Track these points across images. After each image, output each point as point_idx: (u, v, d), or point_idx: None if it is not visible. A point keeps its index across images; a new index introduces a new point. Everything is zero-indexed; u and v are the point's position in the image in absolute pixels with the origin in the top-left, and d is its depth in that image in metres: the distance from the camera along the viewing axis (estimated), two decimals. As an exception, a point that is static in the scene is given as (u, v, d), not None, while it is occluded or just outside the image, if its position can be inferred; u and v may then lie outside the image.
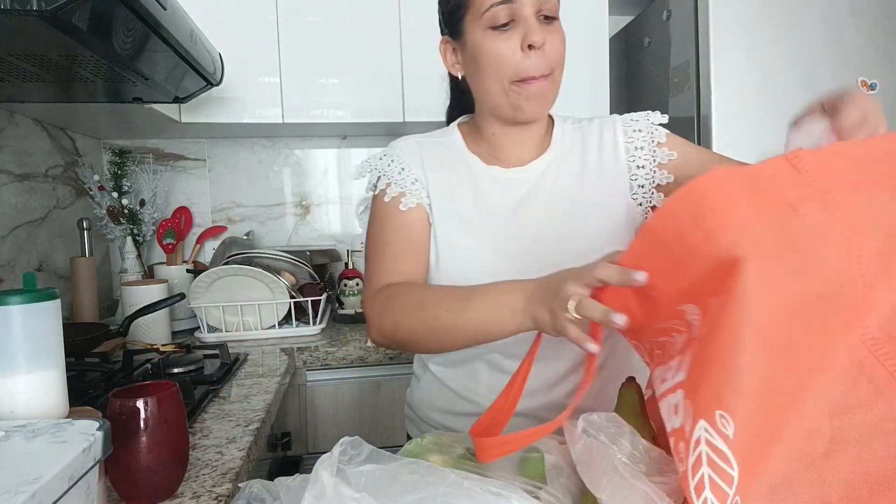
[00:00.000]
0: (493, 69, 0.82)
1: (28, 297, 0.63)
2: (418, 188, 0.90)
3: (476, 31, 0.82)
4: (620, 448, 0.52)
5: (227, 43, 1.44)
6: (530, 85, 0.82)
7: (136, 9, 0.83)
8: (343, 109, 1.78)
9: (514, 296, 0.68)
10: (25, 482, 0.44)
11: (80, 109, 1.52)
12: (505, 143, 0.92)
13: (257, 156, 2.14)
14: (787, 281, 0.43)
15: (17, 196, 1.51)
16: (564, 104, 0.96)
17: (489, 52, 0.81)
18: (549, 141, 0.94)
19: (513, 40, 0.80)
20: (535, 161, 0.92)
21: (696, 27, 1.68)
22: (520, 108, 0.84)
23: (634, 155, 0.90)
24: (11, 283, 1.43)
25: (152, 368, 1.23)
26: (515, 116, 0.87)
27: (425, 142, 0.96)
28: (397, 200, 0.90)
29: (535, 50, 0.80)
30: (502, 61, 0.81)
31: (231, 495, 0.72)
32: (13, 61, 0.92)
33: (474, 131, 0.95)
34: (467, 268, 0.86)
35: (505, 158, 0.93)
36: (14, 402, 0.63)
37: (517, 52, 0.80)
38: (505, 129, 0.91)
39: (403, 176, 0.91)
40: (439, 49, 0.91)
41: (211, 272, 1.61)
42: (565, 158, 0.92)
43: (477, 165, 0.92)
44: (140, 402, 0.66)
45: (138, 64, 1.01)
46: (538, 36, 0.79)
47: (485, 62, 0.82)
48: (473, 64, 0.85)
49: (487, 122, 0.92)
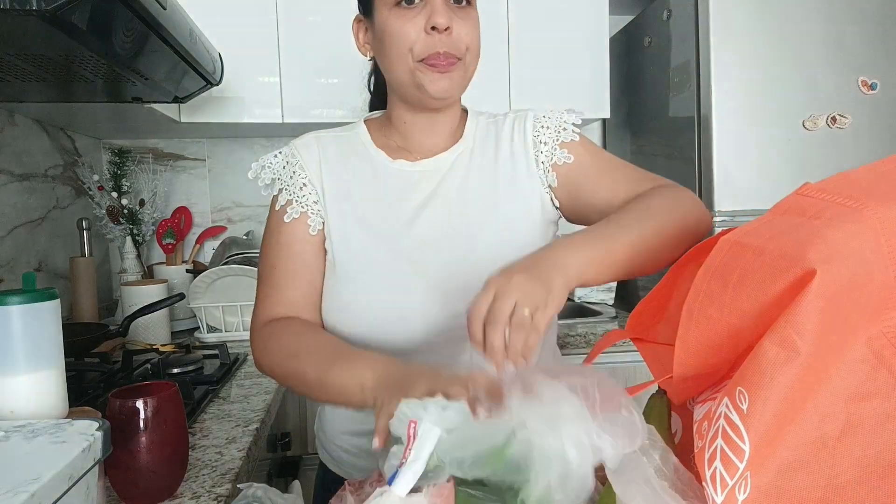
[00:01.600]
0: (396, 47, 0.80)
1: (28, 297, 0.63)
2: (306, 193, 0.87)
3: (383, 8, 0.80)
4: (650, 460, 0.51)
5: (227, 43, 1.44)
6: (435, 65, 0.80)
7: (136, 8, 0.83)
8: (343, 109, 1.78)
9: (366, 371, 0.66)
10: (25, 482, 0.44)
11: (79, 109, 1.52)
12: (415, 132, 0.89)
13: (257, 155, 2.12)
14: (822, 272, 0.43)
15: (17, 196, 1.51)
16: (564, 104, 0.95)
17: (394, 31, 0.80)
18: (461, 133, 0.92)
19: (418, 20, 0.79)
20: (445, 153, 0.89)
21: (697, 27, 1.68)
22: (423, 87, 0.81)
23: (539, 132, 0.89)
24: (11, 284, 1.43)
25: (152, 369, 1.23)
26: (420, 98, 0.84)
27: (326, 138, 0.92)
28: (284, 210, 0.87)
29: (441, 33, 0.79)
30: (405, 39, 0.79)
31: (231, 496, 0.72)
32: (13, 61, 0.92)
33: (385, 123, 0.92)
34: (361, 269, 0.84)
35: (414, 149, 0.89)
36: (14, 402, 0.63)
37: (421, 33, 0.79)
38: (415, 117, 0.88)
39: (294, 181, 0.88)
40: (352, 28, 0.89)
41: (211, 272, 1.61)
42: (476, 150, 0.90)
43: (382, 161, 0.89)
44: (140, 403, 0.66)
45: (138, 64, 1.01)
46: (441, 18, 0.78)
47: (389, 41, 0.81)
48: (380, 43, 0.83)
49: (397, 108, 0.89)
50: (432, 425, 0.48)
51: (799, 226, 0.48)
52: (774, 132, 1.65)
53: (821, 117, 1.65)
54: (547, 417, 0.47)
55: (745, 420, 0.44)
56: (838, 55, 1.66)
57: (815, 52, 1.65)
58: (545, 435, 0.46)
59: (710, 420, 0.47)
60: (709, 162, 1.65)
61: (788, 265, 0.44)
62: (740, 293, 0.47)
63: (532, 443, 0.47)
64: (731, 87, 1.64)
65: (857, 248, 0.44)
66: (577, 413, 0.47)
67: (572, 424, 0.47)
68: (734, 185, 1.64)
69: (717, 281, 0.49)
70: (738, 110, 1.64)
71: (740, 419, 0.44)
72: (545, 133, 0.89)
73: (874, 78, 1.67)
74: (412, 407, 0.50)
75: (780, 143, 1.65)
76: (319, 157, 0.89)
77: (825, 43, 1.65)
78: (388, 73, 0.85)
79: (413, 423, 0.49)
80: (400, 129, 0.90)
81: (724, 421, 0.45)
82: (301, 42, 1.74)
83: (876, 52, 1.67)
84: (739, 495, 0.44)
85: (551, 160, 0.87)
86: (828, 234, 0.44)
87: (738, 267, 0.48)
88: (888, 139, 1.69)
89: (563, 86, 1.86)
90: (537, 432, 0.47)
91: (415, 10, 0.79)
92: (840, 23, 1.65)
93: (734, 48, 1.63)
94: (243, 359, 1.40)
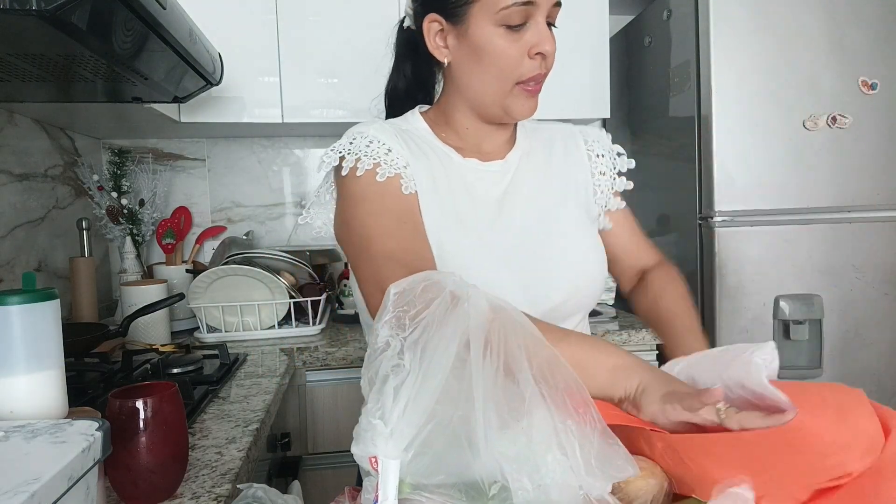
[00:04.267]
0: (499, 69, 0.80)
1: (27, 297, 0.63)
2: (394, 157, 0.82)
3: (485, 24, 0.78)
4: None
5: (227, 43, 1.44)
6: (530, 88, 0.82)
7: (136, 8, 0.83)
8: (343, 109, 1.78)
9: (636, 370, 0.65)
10: (25, 482, 0.44)
11: (79, 109, 1.52)
12: (477, 139, 0.90)
13: (257, 155, 2.14)
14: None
15: (17, 196, 1.51)
16: (564, 104, 0.96)
17: (498, 52, 0.79)
18: (513, 139, 0.94)
19: (521, 42, 0.79)
20: (509, 154, 0.91)
21: (697, 27, 1.68)
22: (511, 109, 0.83)
23: (596, 161, 0.96)
24: (11, 283, 1.43)
25: (152, 369, 1.23)
26: (502, 117, 0.86)
27: (396, 125, 0.88)
28: (393, 182, 0.80)
29: (542, 57, 0.80)
30: (509, 63, 0.79)
31: (231, 496, 0.72)
32: (13, 61, 0.92)
33: (441, 121, 0.91)
34: (450, 259, 0.81)
35: (471, 151, 0.90)
36: (13, 402, 0.63)
37: (524, 57, 0.79)
38: (480, 125, 0.89)
39: (392, 157, 0.81)
40: (423, 26, 0.84)
41: (210, 272, 1.61)
42: (534, 154, 0.93)
43: (454, 157, 0.88)
44: (139, 403, 0.66)
45: (138, 63, 1.01)
46: (550, 45, 0.79)
47: (490, 59, 0.80)
48: (474, 57, 0.81)
49: (463, 115, 0.89)
50: (389, 459, 0.47)
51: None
52: (774, 132, 1.65)
53: (821, 117, 1.65)
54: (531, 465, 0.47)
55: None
56: (838, 55, 1.65)
57: (815, 52, 1.65)
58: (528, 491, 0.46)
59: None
60: (709, 162, 1.65)
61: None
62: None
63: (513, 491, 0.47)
64: (731, 87, 1.63)
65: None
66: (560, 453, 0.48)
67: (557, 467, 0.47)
68: (734, 185, 1.64)
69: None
70: (738, 110, 1.64)
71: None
72: (598, 146, 0.96)
73: (874, 78, 1.67)
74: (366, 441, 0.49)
75: (780, 143, 1.65)
76: (398, 141, 0.85)
77: (825, 43, 1.65)
78: (473, 86, 0.84)
79: (372, 458, 0.48)
80: (461, 133, 0.90)
81: None
82: (301, 42, 1.74)
83: (876, 52, 1.67)
84: None
85: (614, 168, 0.96)
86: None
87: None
88: (888, 139, 1.69)
89: (564, 85, 1.86)
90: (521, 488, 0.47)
91: (520, 32, 0.79)
92: (840, 23, 1.65)
93: (734, 48, 1.63)
94: (243, 359, 1.40)
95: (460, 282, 0.53)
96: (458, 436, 0.47)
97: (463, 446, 0.47)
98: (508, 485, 0.46)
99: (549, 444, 0.48)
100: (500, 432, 0.48)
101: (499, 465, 0.47)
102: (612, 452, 0.50)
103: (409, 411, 0.47)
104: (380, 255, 0.76)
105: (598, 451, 0.49)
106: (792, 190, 1.66)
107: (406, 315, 0.51)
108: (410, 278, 0.54)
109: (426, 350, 0.49)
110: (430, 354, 0.48)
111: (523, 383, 0.50)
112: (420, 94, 0.96)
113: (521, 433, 0.48)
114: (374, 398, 0.50)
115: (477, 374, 0.48)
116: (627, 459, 0.51)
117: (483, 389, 0.48)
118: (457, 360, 0.48)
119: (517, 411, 0.49)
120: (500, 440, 0.48)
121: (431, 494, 0.47)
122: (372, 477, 0.49)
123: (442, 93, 0.92)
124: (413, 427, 0.47)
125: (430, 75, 0.95)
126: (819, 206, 1.67)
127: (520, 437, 0.48)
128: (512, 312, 0.53)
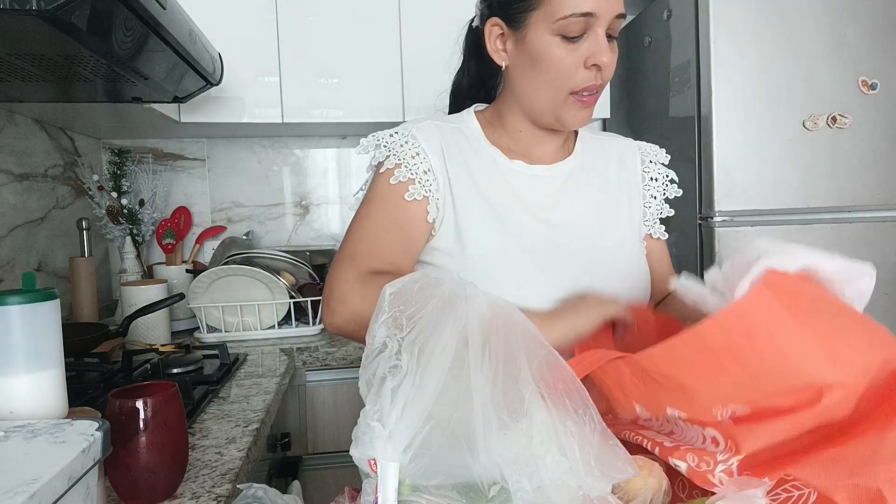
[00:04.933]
0: (553, 77, 0.80)
1: (27, 297, 0.63)
2: (429, 179, 0.84)
3: (543, 32, 0.79)
4: None
5: (227, 43, 1.44)
6: (585, 98, 0.81)
7: (136, 8, 0.83)
8: (343, 109, 1.78)
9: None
10: (25, 482, 0.44)
11: (79, 109, 1.52)
12: (529, 143, 0.90)
13: (257, 156, 2.14)
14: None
15: (17, 196, 1.51)
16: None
17: (553, 60, 0.79)
18: (570, 147, 0.94)
19: (578, 52, 0.78)
20: (560, 163, 0.91)
21: (697, 27, 1.67)
22: (564, 119, 0.83)
23: (649, 185, 0.96)
24: (11, 283, 1.43)
25: (152, 369, 1.23)
26: (554, 125, 0.86)
27: (445, 127, 0.89)
28: (404, 187, 0.83)
29: (598, 69, 0.80)
30: (564, 72, 0.79)
31: (231, 496, 0.72)
32: (13, 61, 0.92)
33: (495, 121, 0.92)
34: (492, 260, 0.82)
35: (522, 154, 0.90)
36: (13, 402, 0.63)
37: (580, 67, 0.79)
38: (533, 130, 0.89)
39: (416, 162, 0.84)
40: (484, 29, 0.86)
41: (210, 272, 1.61)
42: (589, 166, 0.93)
43: (499, 158, 0.88)
44: (139, 403, 0.66)
45: (138, 64, 1.01)
46: (607, 57, 0.78)
47: (545, 67, 0.80)
48: (529, 63, 0.81)
49: (517, 119, 0.89)
50: (388, 462, 0.47)
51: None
52: (774, 132, 1.65)
53: (821, 117, 1.65)
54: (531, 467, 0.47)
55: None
56: (838, 55, 1.65)
57: (815, 52, 1.65)
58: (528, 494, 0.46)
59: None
60: (709, 162, 1.65)
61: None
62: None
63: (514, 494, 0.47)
64: (731, 87, 1.63)
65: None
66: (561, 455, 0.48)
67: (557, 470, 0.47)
68: (734, 185, 1.64)
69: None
70: (738, 110, 1.64)
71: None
72: (653, 169, 0.97)
73: (874, 78, 1.67)
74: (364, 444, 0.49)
75: (780, 143, 1.65)
76: (441, 143, 0.87)
77: (825, 43, 1.65)
78: (528, 92, 0.84)
79: (371, 461, 0.48)
80: (513, 135, 0.90)
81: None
82: (301, 42, 1.74)
83: (876, 52, 1.67)
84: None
85: (663, 194, 0.96)
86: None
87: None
88: (888, 139, 1.69)
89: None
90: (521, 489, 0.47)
91: (578, 42, 0.78)
92: (840, 23, 1.65)
93: (734, 48, 1.63)
94: (243, 359, 1.40)
95: (458, 280, 0.53)
96: (457, 437, 0.47)
97: (462, 447, 0.47)
98: (508, 486, 0.46)
99: (549, 446, 0.47)
100: (499, 433, 0.47)
101: (498, 466, 0.47)
102: (612, 453, 0.50)
103: (406, 413, 0.47)
104: (345, 254, 0.81)
105: (597, 452, 0.49)
106: (792, 190, 1.66)
107: (403, 315, 0.51)
108: (406, 277, 0.54)
109: (423, 350, 0.48)
110: (427, 354, 0.48)
111: (523, 384, 0.50)
112: (482, 93, 0.97)
113: (521, 434, 0.48)
114: (371, 400, 0.50)
115: (476, 374, 0.48)
116: (627, 460, 0.51)
117: (482, 390, 0.48)
118: (455, 359, 0.48)
119: (516, 412, 0.49)
120: (500, 442, 0.47)
121: (431, 496, 0.47)
122: (371, 479, 0.49)
123: (500, 94, 0.92)
124: (411, 429, 0.47)
125: (491, 76, 0.95)
126: (819, 206, 1.67)
127: (519, 439, 0.48)
128: (511, 312, 0.53)
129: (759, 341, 0.52)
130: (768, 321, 0.52)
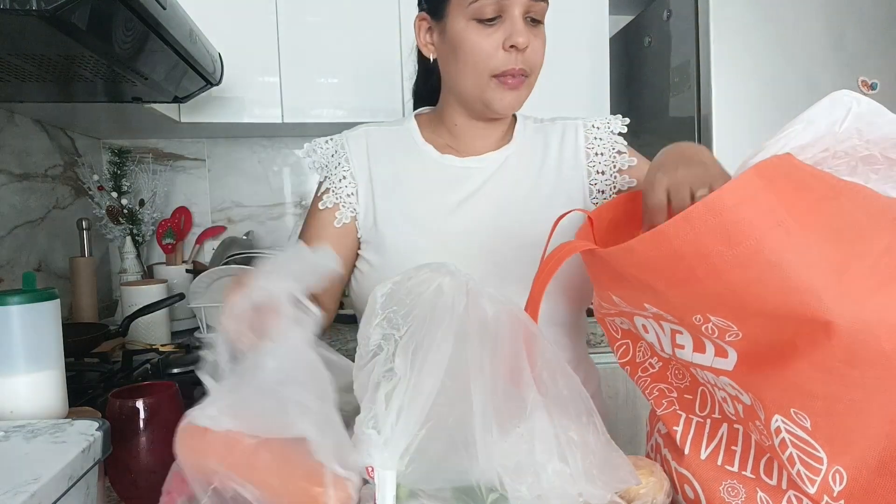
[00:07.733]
0: (473, 62, 0.81)
1: (27, 297, 0.63)
2: (344, 186, 0.90)
3: (460, 19, 0.80)
4: None
5: (227, 43, 1.44)
6: (507, 81, 0.81)
7: (136, 8, 0.83)
8: (343, 109, 1.78)
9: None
10: (25, 482, 0.44)
11: (79, 109, 1.52)
12: (466, 136, 0.91)
13: (257, 155, 2.14)
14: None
15: (17, 196, 1.50)
16: (564, 104, 0.96)
17: (470, 45, 0.80)
18: (510, 136, 0.94)
19: (496, 36, 0.79)
20: (493, 152, 0.91)
21: (697, 27, 1.67)
22: (491, 103, 0.83)
23: (594, 160, 0.92)
24: (11, 283, 1.43)
25: (152, 369, 1.23)
26: (484, 111, 0.86)
27: (375, 131, 0.94)
28: (331, 214, 0.90)
29: (519, 51, 0.80)
30: (482, 55, 0.80)
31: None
32: (13, 61, 0.92)
33: (435, 120, 0.94)
34: (406, 258, 0.84)
35: (463, 149, 0.91)
36: (13, 402, 0.63)
37: (499, 50, 0.80)
38: (469, 121, 0.90)
39: (337, 172, 0.91)
40: (414, 24, 0.88)
41: (210, 272, 1.60)
42: (525, 153, 0.92)
43: (430, 154, 0.91)
44: (139, 403, 0.66)
45: (138, 64, 1.01)
46: (522, 38, 0.79)
47: (464, 52, 0.81)
48: (451, 52, 0.83)
49: (452, 111, 0.90)
50: (385, 470, 0.46)
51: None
52: (774, 132, 1.65)
53: (821, 117, 1.65)
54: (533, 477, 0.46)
55: (812, 435, 0.47)
56: (838, 55, 1.65)
57: (815, 52, 1.65)
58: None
59: (761, 426, 0.50)
60: (709, 162, 1.65)
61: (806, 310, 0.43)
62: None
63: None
64: (731, 87, 1.63)
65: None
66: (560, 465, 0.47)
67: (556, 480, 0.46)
68: (734, 185, 1.64)
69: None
70: (738, 110, 1.64)
71: (807, 434, 0.47)
72: (598, 144, 0.92)
73: (874, 78, 1.67)
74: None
75: (780, 143, 1.65)
76: (368, 149, 0.92)
77: (825, 43, 1.65)
78: (454, 81, 0.86)
79: (368, 468, 0.47)
80: (451, 130, 0.92)
81: (788, 434, 0.48)
82: (301, 42, 1.74)
83: (876, 52, 1.67)
84: (835, 486, 0.48)
85: (614, 167, 0.92)
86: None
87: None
88: (888, 139, 1.69)
89: (563, 86, 1.86)
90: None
91: (494, 26, 0.79)
92: (840, 23, 1.65)
93: (734, 48, 1.63)
94: (243, 359, 1.39)
95: (457, 273, 0.52)
96: (455, 440, 0.46)
97: (460, 451, 0.46)
98: (507, 495, 0.46)
99: (551, 454, 0.46)
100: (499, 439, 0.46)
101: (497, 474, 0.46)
102: (615, 462, 0.49)
103: (402, 418, 0.46)
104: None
105: (600, 461, 0.48)
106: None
107: (397, 315, 0.50)
108: (399, 276, 0.53)
109: (419, 351, 0.47)
110: (422, 355, 0.47)
111: (524, 387, 0.49)
112: (436, 95, 0.97)
113: (522, 441, 0.47)
114: (366, 406, 0.48)
115: (475, 375, 0.47)
116: (629, 470, 0.50)
117: (482, 392, 0.47)
118: (452, 359, 0.47)
119: (517, 417, 0.48)
120: (500, 448, 0.46)
121: (429, 501, 0.47)
122: (370, 485, 0.48)
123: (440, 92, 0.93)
124: (408, 435, 0.46)
125: (439, 76, 0.95)
126: (819, 206, 1.67)
127: (520, 445, 0.47)
128: (513, 310, 0.52)
129: (741, 246, 0.42)
130: (755, 220, 0.42)
